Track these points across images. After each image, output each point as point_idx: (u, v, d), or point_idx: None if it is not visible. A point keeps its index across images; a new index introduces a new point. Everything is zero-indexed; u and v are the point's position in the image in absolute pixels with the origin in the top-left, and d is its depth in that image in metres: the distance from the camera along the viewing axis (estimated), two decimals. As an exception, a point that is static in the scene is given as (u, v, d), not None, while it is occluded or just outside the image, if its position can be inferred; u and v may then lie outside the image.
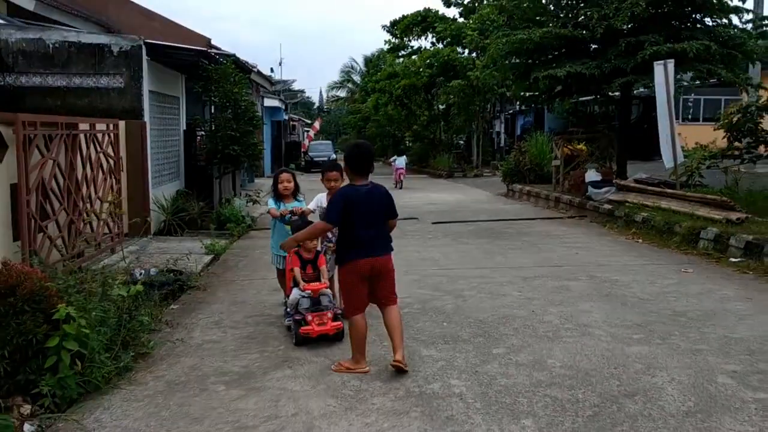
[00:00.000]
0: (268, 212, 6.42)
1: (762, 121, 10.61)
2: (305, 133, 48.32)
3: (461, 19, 32.43)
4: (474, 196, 19.59)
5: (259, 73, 21.30)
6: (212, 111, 14.58)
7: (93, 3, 17.42)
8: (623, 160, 15.23)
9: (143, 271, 7.31)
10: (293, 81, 50.02)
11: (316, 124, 47.42)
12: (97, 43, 11.06)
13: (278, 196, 6.34)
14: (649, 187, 12.19)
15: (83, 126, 8.62)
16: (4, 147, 6.70)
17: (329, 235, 5.94)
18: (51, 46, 10.94)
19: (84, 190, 8.49)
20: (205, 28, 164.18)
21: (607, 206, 12.70)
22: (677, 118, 29.10)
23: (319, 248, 5.93)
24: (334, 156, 41.22)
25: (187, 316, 6.36)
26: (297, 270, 5.68)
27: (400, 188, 22.42)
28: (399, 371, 4.57)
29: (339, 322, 5.35)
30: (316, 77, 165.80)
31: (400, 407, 4.07)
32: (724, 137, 11.64)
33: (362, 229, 4.62)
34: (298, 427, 3.82)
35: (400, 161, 24.30)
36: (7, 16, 12.28)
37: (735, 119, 10.51)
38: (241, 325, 6.00)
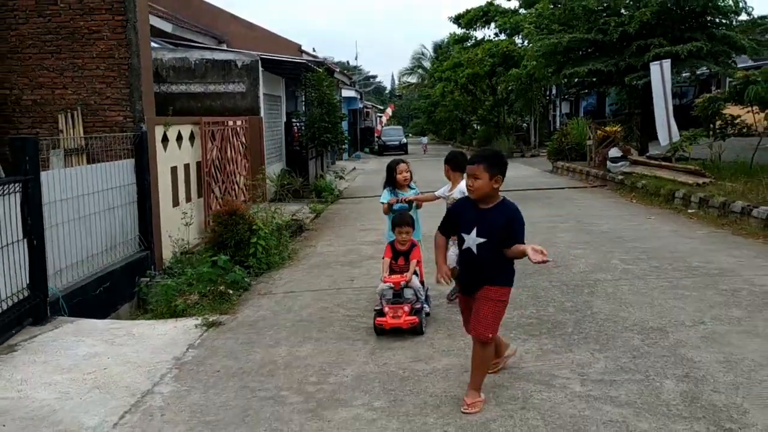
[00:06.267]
0: (387, 204, 6.13)
1: (725, 107, 13.59)
2: (378, 119, 52.12)
3: (522, 10, 35.31)
4: (523, 172, 22.78)
5: (340, 71, 25.23)
6: (305, 106, 18.51)
7: (208, 20, 21.75)
8: (645, 140, 18.32)
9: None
10: (368, 72, 53.82)
11: (388, 110, 51.10)
12: (226, 59, 15.10)
13: (395, 185, 6.20)
14: (652, 161, 15.32)
15: (230, 123, 12.64)
16: (193, 138, 10.72)
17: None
18: (193, 62, 15.00)
19: (230, 167, 12.50)
20: (284, 16, 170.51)
21: (620, 177, 15.89)
22: None
23: (415, 241, 5.95)
24: (405, 141, 44.97)
25: (309, 241, 10.30)
26: (386, 261, 5.82)
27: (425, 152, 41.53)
28: None
29: (414, 317, 5.35)
30: (388, 61, 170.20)
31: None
32: (700, 121, 14.64)
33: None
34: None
35: (424, 139, 49.04)
36: (158, 40, 16.48)
37: (704, 107, 13.54)
38: (343, 245, 9.85)
